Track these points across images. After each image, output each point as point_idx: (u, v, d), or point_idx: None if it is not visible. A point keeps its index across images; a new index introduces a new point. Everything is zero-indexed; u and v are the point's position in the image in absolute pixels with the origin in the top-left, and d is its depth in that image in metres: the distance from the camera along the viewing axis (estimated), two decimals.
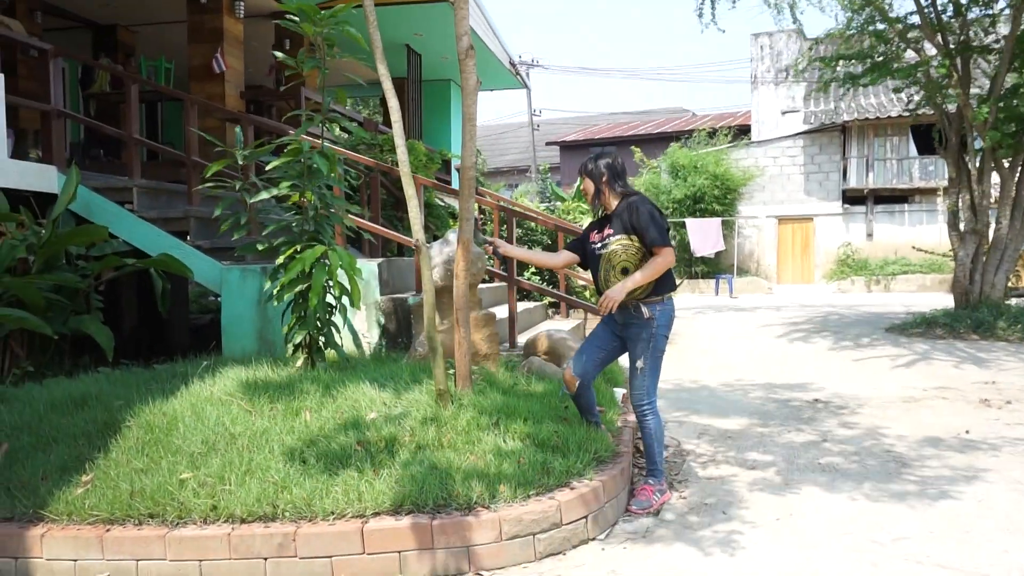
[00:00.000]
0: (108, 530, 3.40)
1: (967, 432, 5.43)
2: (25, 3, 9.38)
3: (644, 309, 3.99)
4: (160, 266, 6.70)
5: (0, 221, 6.38)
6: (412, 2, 11.17)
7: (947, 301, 12.50)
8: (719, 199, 21.32)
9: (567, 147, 31.06)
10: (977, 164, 10.94)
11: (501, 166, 34.70)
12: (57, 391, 4.88)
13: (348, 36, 4.99)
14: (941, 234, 18.37)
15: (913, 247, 16.11)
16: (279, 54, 5.40)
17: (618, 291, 3.91)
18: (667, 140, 24.47)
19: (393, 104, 4.40)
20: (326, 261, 5.10)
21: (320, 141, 5.38)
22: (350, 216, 6.47)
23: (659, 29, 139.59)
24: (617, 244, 4.01)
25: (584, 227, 4.76)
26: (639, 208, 3.97)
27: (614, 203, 4.11)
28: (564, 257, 4.41)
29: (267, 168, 5.46)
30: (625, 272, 3.99)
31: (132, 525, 3.43)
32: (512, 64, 15.90)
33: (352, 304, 5.42)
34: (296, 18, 4.99)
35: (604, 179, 4.09)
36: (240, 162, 5.70)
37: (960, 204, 11.14)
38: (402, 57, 13.20)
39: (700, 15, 11.66)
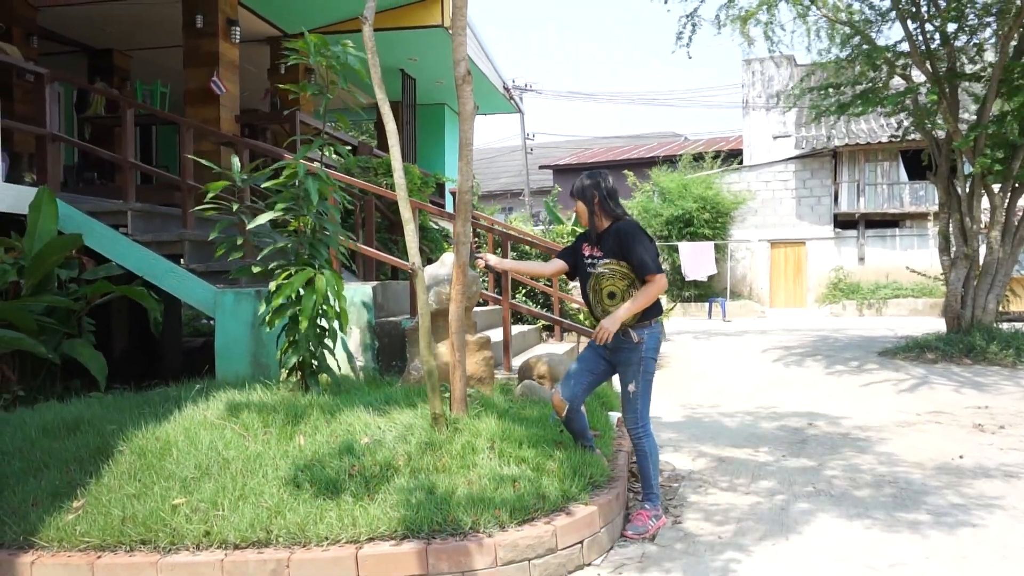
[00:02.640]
0: (99, 557, 3.36)
1: (961, 457, 5.44)
2: (21, 28, 9.42)
3: (633, 334, 4.02)
4: (132, 295, 6.71)
5: None
6: (408, 27, 11.28)
7: (939, 325, 12.55)
8: (709, 223, 21.41)
9: (560, 171, 31.22)
10: (967, 189, 11.04)
11: (494, 189, 34.84)
12: (48, 415, 4.84)
13: (350, 68, 5.04)
14: (932, 258, 18.48)
15: (907, 267, 16.20)
16: (287, 85, 5.44)
17: (613, 322, 3.94)
18: (659, 164, 24.61)
19: (391, 128, 4.42)
20: (315, 285, 5.09)
21: (317, 165, 5.39)
22: (345, 240, 6.48)
23: (652, 55, 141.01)
24: (605, 267, 4.04)
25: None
26: (628, 234, 3.99)
27: (606, 224, 4.13)
28: (555, 266, 4.40)
29: (262, 186, 5.47)
30: (611, 296, 4.01)
31: (124, 551, 3.39)
32: (506, 88, 16.02)
33: (341, 328, 5.40)
34: (296, 48, 5.02)
35: (596, 201, 4.12)
36: (239, 184, 5.71)
37: (951, 229, 11.23)
38: (397, 81, 13.30)
39: (679, 37, 11.82)
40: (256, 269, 5.55)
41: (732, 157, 25.10)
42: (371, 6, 4.48)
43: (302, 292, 5.06)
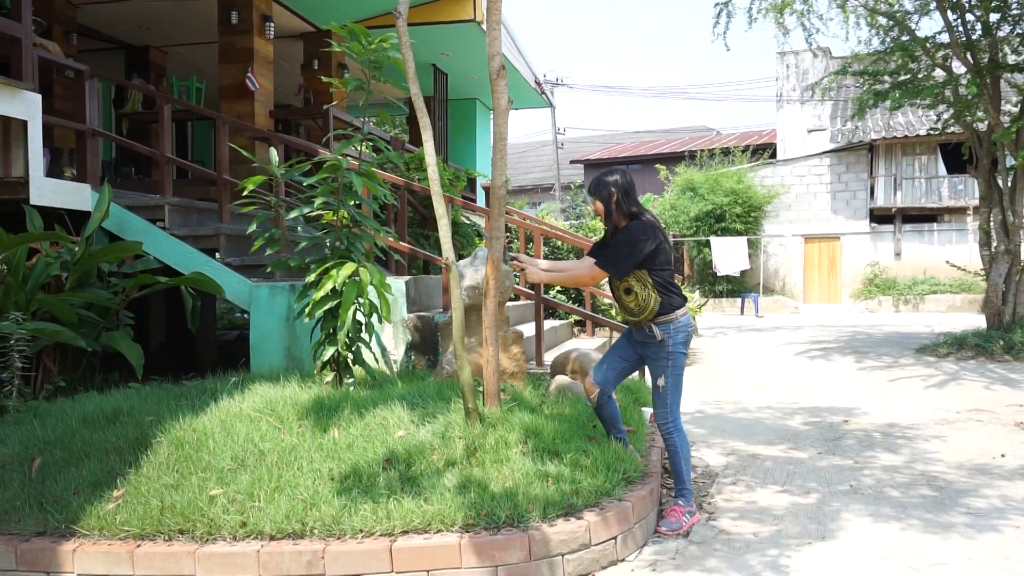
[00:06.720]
0: (139, 545, 3.42)
1: (1003, 456, 5.33)
2: (61, 25, 9.59)
3: (656, 331, 3.99)
4: (192, 284, 6.75)
5: (36, 239, 6.47)
6: (440, 22, 11.29)
7: (978, 321, 12.31)
8: (741, 217, 21.15)
9: (591, 165, 31.09)
10: (1009, 183, 10.81)
11: (525, 184, 34.81)
12: (88, 406, 4.92)
13: (390, 61, 5.07)
14: (971, 253, 18.11)
15: (947, 262, 15.83)
16: (331, 78, 5.50)
17: (534, 271, 4.21)
18: (691, 159, 24.38)
19: (425, 123, 4.42)
20: (357, 278, 5.14)
21: (358, 161, 5.42)
22: (380, 235, 6.51)
23: (684, 48, 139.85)
24: None
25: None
26: (625, 230, 4.04)
27: (623, 222, 4.11)
28: (591, 271, 4.25)
29: (305, 184, 5.52)
30: (628, 292, 4.01)
31: (162, 541, 3.45)
32: (538, 83, 15.98)
33: (381, 319, 5.43)
34: (334, 40, 5.07)
35: (614, 199, 4.10)
36: (279, 177, 5.77)
37: (992, 223, 11.00)
38: (429, 76, 13.33)
39: (716, 24, 11.80)
40: (293, 263, 5.60)
41: (765, 151, 24.76)
42: (404, 0, 4.48)
43: (344, 285, 5.09)
